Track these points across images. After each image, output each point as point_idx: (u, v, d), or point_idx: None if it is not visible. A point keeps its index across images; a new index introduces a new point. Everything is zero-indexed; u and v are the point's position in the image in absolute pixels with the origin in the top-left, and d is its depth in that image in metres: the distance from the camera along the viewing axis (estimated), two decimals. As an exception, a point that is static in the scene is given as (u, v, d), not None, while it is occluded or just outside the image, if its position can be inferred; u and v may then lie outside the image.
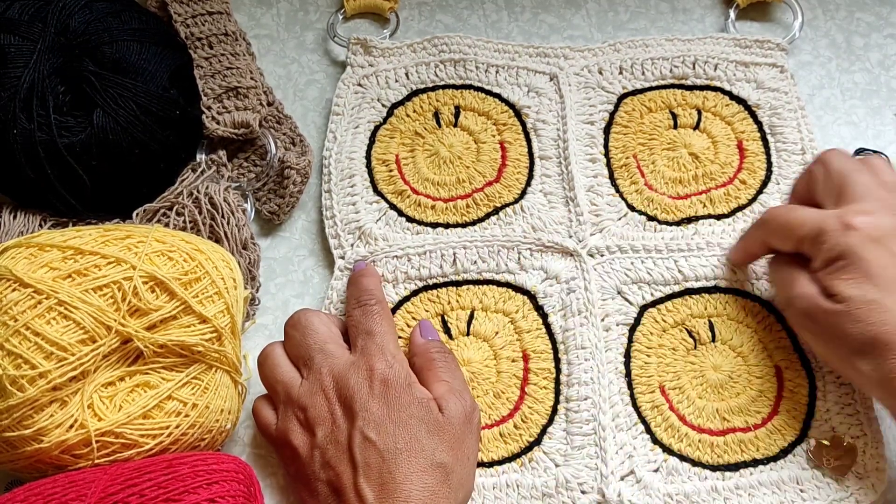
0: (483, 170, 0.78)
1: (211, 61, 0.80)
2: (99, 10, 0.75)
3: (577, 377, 0.69)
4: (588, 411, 0.67)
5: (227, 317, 0.64)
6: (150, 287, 0.62)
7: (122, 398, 0.61)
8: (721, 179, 0.77)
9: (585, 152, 0.78)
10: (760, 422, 0.67)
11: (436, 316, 0.72)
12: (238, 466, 0.60)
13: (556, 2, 0.87)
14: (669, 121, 0.80)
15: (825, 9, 0.87)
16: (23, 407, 0.58)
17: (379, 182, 0.78)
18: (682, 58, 0.82)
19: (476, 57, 0.82)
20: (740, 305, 0.71)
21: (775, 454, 0.66)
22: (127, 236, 0.64)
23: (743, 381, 0.68)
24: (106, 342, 0.60)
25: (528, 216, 0.75)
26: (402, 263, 0.73)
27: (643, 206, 0.76)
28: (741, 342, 0.70)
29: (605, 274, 0.73)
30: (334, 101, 0.81)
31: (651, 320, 0.71)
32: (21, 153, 0.70)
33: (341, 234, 0.75)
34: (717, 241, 0.73)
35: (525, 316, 0.72)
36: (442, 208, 0.76)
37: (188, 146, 0.77)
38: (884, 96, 0.82)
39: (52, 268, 0.61)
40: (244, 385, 0.67)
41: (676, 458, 0.66)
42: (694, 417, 0.67)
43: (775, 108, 0.79)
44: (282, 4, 0.88)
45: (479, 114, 0.80)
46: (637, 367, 0.70)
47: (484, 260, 0.73)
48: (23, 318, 0.59)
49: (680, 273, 0.72)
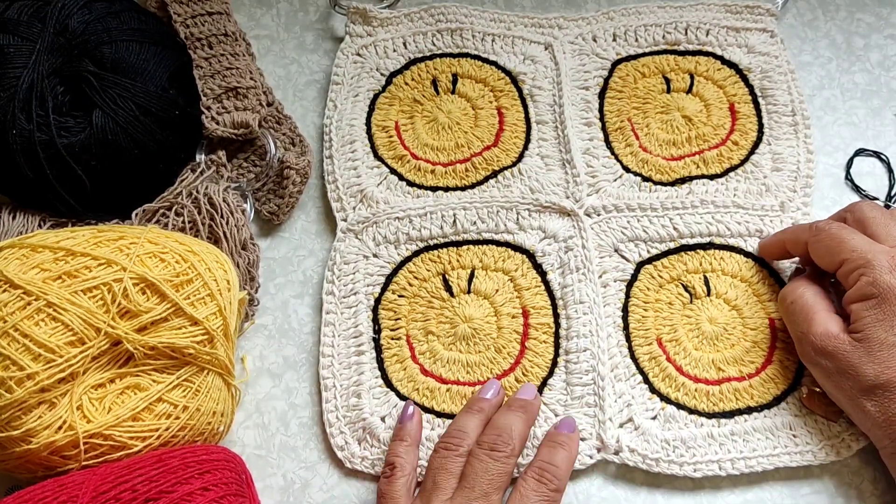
0: (481, 135, 0.79)
1: (210, 61, 0.80)
2: (98, 10, 0.74)
3: (575, 330, 0.70)
4: (587, 362, 0.69)
5: (220, 319, 0.64)
6: (141, 289, 0.62)
7: (112, 400, 0.60)
8: (714, 141, 0.79)
9: (581, 116, 0.80)
10: (754, 371, 0.69)
11: (437, 275, 0.73)
12: (228, 456, 0.61)
13: (557, 2, 0.88)
14: (663, 85, 0.81)
15: (825, 9, 0.87)
16: (11, 408, 0.58)
17: (379, 148, 0.79)
18: (675, 24, 0.84)
19: (472, 26, 0.84)
20: (734, 260, 0.73)
21: (769, 401, 0.68)
22: (120, 237, 0.64)
23: (737, 332, 0.70)
24: (95, 344, 0.60)
25: (525, 178, 0.77)
26: (404, 225, 0.75)
27: (638, 168, 0.78)
28: (735, 296, 0.71)
29: (602, 233, 0.74)
30: (333, 71, 0.82)
31: (648, 276, 0.73)
32: (20, 153, 0.69)
33: (343, 198, 0.76)
34: (711, 199, 0.75)
35: (524, 274, 0.73)
36: (441, 172, 0.78)
37: (187, 146, 0.77)
38: (884, 97, 0.82)
39: (42, 269, 0.61)
40: (237, 387, 0.67)
41: (673, 406, 0.68)
42: (690, 368, 0.69)
43: (766, 72, 0.81)
44: (282, 5, 0.88)
45: (476, 81, 0.82)
46: (635, 320, 0.71)
47: (483, 220, 0.75)
48: (11, 320, 0.59)
49: (675, 230, 0.74)
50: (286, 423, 0.70)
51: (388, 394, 0.69)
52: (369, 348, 0.71)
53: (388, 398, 0.69)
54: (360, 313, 0.72)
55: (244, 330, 0.73)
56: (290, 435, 0.70)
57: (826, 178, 0.79)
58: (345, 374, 0.70)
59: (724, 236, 0.74)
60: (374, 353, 0.71)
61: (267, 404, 0.71)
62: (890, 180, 0.78)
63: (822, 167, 0.79)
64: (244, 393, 0.71)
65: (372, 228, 0.75)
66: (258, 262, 0.74)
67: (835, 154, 0.80)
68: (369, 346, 0.71)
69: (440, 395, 0.69)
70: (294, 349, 0.73)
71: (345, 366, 0.70)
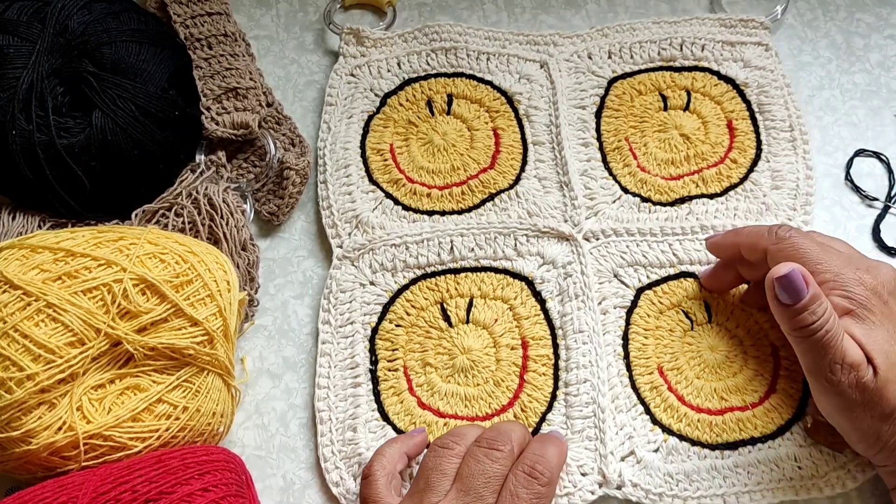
0: (477, 157, 0.78)
1: (210, 62, 0.80)
2: (98, 10, 0.75)
3: (575, 361, 0.69)
4: (587, 394, 0.68)
5: (220, 320, 0.64)
6: (141, 289, 0.62)
7: (112, 401, 0.61)
8: (712, 159, 0.78)
9: (578, 136, 0.79)
10: (758, 400, 0.68)
11: (435, 304, 0.72)
12: (228, 456, 0.61)
13: (556, 2, 0.88)
14: (659, 103, 0.80)
15: (825, 9, 0.87)
16: (10, 409, 0.58)
17: (374, 171, 0.78)
18: (670, 40, 0.83)
19: (467, 45, 0.83)
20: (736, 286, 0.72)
21: (773, 432, 0.66)
22: (120, 238, 0.64)
23: (740, 360, 0.69)
24: (95, 345, 0.60)
25: (523, 201, 0.76)
26: (401, 252, 0.74)
27: (637, 188, 0.77)
28: (737, 322, 0.70)
29: (602, 257, 0.73)
30: (327, 92, 0.81)
31: (648, 302, 0.72)
32: (20, 154, 0.70)
33: (338, 224, 0.76)
34: (711, 224, 0.74)
35: (523, 302, 0.72)
36: (437, 196, 0.77)
37: (187, 147, 0.77)
38: (884, 97, 0.82)
39: (42, 270, 0.61)
40: (237, 388, 0.67)
41: (676, 437, 0.67)
42: (692, 397, 0.68)
43: (762, 87, 0.80)
44: (281, 5, 0.88)
45: (471, 101, 0.81)
46: (635, 349, 0.70)
47: (481, 247, 0.74)
48: (11, 321, 0.59)
49: (675, 256, 0.73)
50: (286, 423, 0.70)
51: (384, 427, 0.68)
52: (366, 380, 0.70)
53: (384, 432, 0.68)
54: (357, 343, 0.71)
55: (244, 330, 0.73)
56: (289, 435, 0.70)
57: (826, 178, 0.78)
58: (340, 407, 0.69)
59: (724, 261, 0.73)
60: (371, 385, 0.70)
61: (267, 405, 0.71)
62: (890, 180, 0.78)
63: (822, 167, 0.79)
64: (244, 393, 0.71)
65: (368, 255, 0.74)
66: (258, 263, 0.75)
67: (835, 154, 0.80)
68: (366, 377, 0.70)
69: (437, 429, 0.68)
70: (294, 350, 0.73)
71: (341, 398, 0.69)
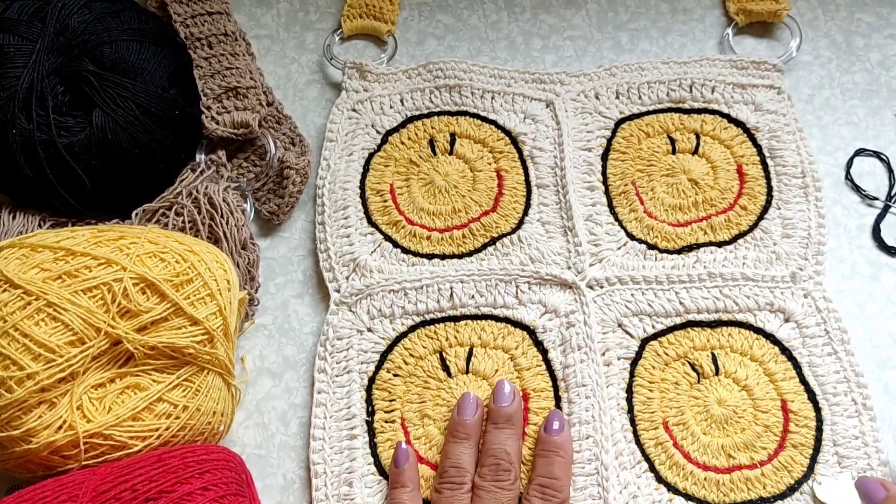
0: (479, 199, 0.77)
1: (210, 61, 0.80)
2: (98, 9, 0.75)
3: (578, 416, 0.67)
4: (590, 450, 0.66)
5: (220, 319, 0.64)
6: (141, 289, 0.62)
7: (112, 400, 0.61)
8: (721, 205, 0.76)
9: (583, 180, 0.77)
10: (766, 458, 0.65)
11: (434, 353, 0.70)
12: (228, 455, 0.61)
13: (556, 2, 0.88)
14: (668, 146, 0.79)
15: (825, 9, 0.87)
16: (11, 408, 0.58)
17: (373, 213, 0.76)
18: (679, 81, 0.81)
19: (472, 83, 0.81)
20: (743, 337, 0.70)
21: (782, 492, 0.64)
22: (120, 237, 0.65)
23: (748, 415, 0.67)
24: (95, 344, 0.60)
25: (525, 247, 0.74)
26: (399, 298, 0.72)
27: (643, 235, 0.75)
28: (745, 375, 0.68)
29: (605, 306, 0.72)
30: (328, 127, 0.80)
31: (653, 353, 0.70)
32: (20, 153, 0.70)
33: (335, 267, 0.74)
34: (719, 272, 0.72)
35: (525, 352, 0.70)
36: (438, 239, 0.75)
37: (187, 146, 0.77)
38: (884, 96, 0.82)
39: (42, 269, 0.62)
40: (237, 387, 0.67)
41: (682, 497, 0.65)
42: (699, 454, 0.66)
43: (774, 131, 0.78)
44: (282, 5, 0.89)
45: (475, 141, 0.79)
46: (639, 402, 0.68)
47: (482, 294, 0.72)
48: (11, 320, 0.59)
49: (681, 305, 0.71)
50: (286, 422, 0.70)
51: (381, 482, 0.66)
52: (362, 432, 0.68)
53: (380, 487, 0.66)
54: (354, 393, 0.69)
55: (244, 330, 0.73)
56: (290, 435, 0.70)
57: (826, 178, 0.78)
58: (336, 460, 0.67)
59: (731, 311, 0.71)
60: (368, 437, 0.68)
61: (267, 404, 0.71)
62: (890, 180, 0.78)
63: (823, 167, 0.79)
64: (244, 393, 0.71)
65: (366, 301, 0.72)
66: (258, 262, 0.75)
67: (835, 154, 0.80)
68: (362, 429, 0.68)
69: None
70: (294, 349, 0.73)
71: (336, 450, 0.67)
